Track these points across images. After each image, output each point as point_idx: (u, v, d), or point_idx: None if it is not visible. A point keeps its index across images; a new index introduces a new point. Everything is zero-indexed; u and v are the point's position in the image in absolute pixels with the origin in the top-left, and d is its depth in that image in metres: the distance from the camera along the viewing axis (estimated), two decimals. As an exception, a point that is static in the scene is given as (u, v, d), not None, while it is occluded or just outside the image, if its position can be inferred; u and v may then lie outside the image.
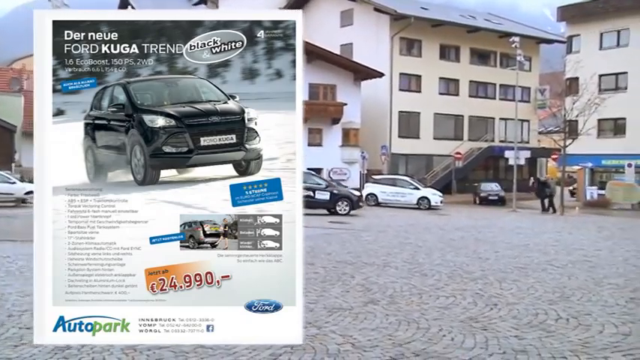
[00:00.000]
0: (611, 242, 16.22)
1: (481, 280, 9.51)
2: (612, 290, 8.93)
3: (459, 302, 7.85)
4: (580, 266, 11.41)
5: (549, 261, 12.04)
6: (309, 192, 25.60)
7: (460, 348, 5.79)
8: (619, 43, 47.03)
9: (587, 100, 34.49)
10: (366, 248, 13.39)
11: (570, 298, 8.30)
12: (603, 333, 6.46)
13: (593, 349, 5.85)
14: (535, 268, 11.05)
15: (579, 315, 7.24)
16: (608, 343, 6.05)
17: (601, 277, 10.18)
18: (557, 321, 6.94)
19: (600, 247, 14.82)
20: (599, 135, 44.82)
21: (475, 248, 13.92)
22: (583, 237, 17.58)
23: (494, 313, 7.25)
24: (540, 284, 9.25)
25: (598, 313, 7.35)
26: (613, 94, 43.95)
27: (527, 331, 6.46)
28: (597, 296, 8.44)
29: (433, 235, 16.88)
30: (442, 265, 11.05)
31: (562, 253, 13.51)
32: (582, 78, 39.78)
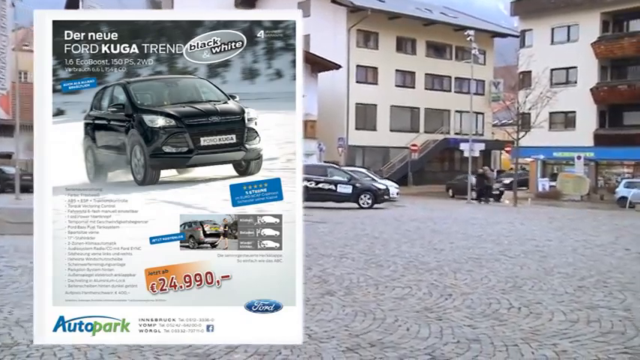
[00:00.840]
0: (561, 233, 16.64)
1: (436, 271, 9.65)
2: (562, 279, 9.17)
3: (415, 293, 7.95)
4: (532, 256, 11.68)
5: (502, 251, 12.28)
6: (331, 186, 26.17)
7: (415, 338, 5.87)
8: (569, 39, 48.07)
9: (540, 94, 35.28)
10: (322, 240, 13.44)
11: (522, 287, 8.49)
12: (553, 320, 6.64)
13: (543, 336, 6.00)
14: (489, 258, 11.26)
15: (530, 304, 7.42)
16: (557, 330, 6.22)
17: (551, 266, 10.44)
18: (510, 310, 7.09)
19: (551, 238, 15.19)
20: (551, 128, 45.87)
21: (430, 239, 14.11)
22: (535, 228, 17.98)
23: (449, 303, 7.37)
24: (494, 274, 9.44)
25: (548, 302, 7.54)
26: (564, 88, 44.99)
27: (480, 320, 6.58)
28: (548, 285, 8.65)
29: (389, 227, 17.03)
30: (398, 257, 11.17)
31: (515, 243, 13.80)
32: (535, 72, 40.64)
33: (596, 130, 47.28)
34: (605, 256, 11.92)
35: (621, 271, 10.11)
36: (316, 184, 26.25)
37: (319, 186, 26.29)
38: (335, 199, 26.22)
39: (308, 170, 27.25)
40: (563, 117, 48.01)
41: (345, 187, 26.29)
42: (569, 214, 25.50)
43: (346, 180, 26.58)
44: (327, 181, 26.56)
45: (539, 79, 38.26)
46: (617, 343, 5.82)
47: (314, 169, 27.74)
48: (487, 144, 46.00)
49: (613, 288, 8.54)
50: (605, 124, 47.65)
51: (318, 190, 26.23)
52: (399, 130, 46.84)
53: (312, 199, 26.06)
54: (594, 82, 47.14)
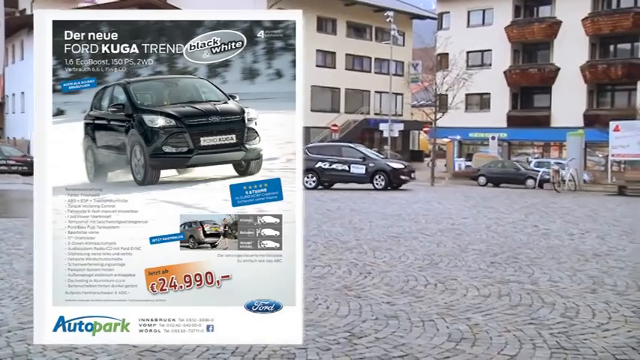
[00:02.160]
0: (475, 211, 17.16)
1: (356, 250, 9.77)
2: (476, 256, 9.46)
3: (335, 271, 8.02)
4: (448, 234, 11.99)
5: (420, 229, 12.56)
6: (345, 166, 24.81)
7: (335, 316, 5.93)
8: (484, 22, 49.49)
9: (456, 76, 36.13)
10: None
11: (438, 264, 8.71)
12: (467, 296, 6.84)
13: (457, 310, 6.19)
14: (407, 236, 11.49)
15: (446, 280, 7.62)
16: (470, 305, 6.42)
17: (466, 243, 10.75)
18: (426, 286, 7.26)
19: (466, 216, 15.64)
20: (467, 109, 47.28)
21: (351, 219, 14.27)
22: (451, 206, 18.47)
23: (368, 281, 7.48)
24: (411, 252, 9.63)
25: (463, 278, 7.77)
26: (479, 70, 46.36)
27: (398, 297, 6.72)
28: (462, 262, 8.91)
29: (310, 207, 17.13)
30: (318, 236, 11.25)
31: (432, 222, 14.13)
32: (452, 54, 41.68)
33: (509, 112, 49.10)
34: (516, 233, 12.39)
35: (530, 247, 10.53)
36: (330, 165, 25.03)
37: (333, 167, 25.03)
38: (348, 180, 24.99)
39: (322, 150, 26.45)
40: (479, 98, 49.60)
41: (359, 167, 24.80)
42: (483, 192, 26.25)
43: (360, 160, 25.05)
44: (340, 161, 25.12)
45: (455, 61, 39.25)
46: (524, 315, 6.08)
47: (329, 149, 26.62)
48: (406, 124, 46.94)
49: (522, 263, 8.88)
50: (517, 106, 49.57)
51: (332, 171, 25.07)
52: (319, 111, 46.93)
53: (328, 180, 25.30)
54: (507, 65, 48.85)
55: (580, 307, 6.42)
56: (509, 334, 5.44)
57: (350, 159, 25.06)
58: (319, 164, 25.14)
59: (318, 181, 25.24)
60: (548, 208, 18.78)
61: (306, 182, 24.81)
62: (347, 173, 24.88)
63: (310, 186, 24.84)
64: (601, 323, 5.84)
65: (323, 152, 25.99)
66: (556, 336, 5.42)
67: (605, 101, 46.90)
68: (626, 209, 19.04)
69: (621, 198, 24.72)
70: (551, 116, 46.76)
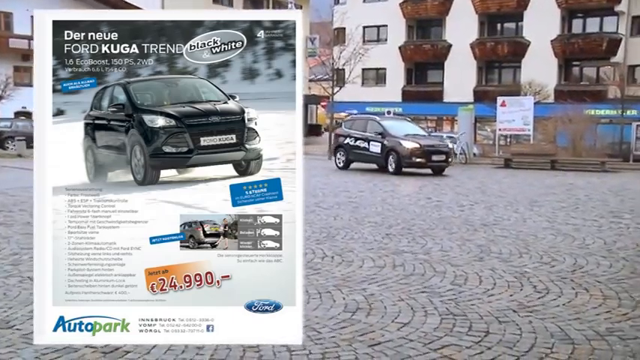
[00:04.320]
0: (372, 184, 17.56)
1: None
2: (372, 228, 9.72)
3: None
4: (345, 207, 12.23)
5: (317, 203, 12.73)
6: (365, 143, 21.79)
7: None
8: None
9: (353, 50, 36.57)
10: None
11: (335, 237, 8.89)
12: (363, 267, 7.04)
13: (354, 282, 6.36)
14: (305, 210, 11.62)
15: (343, 252, 7.80)
16: (366, 276, 6.62)
17: (363, 216, 11.02)
18: (324, 259, 7.41)
19: (363, 189, 15.99)
20: (364, 84, 48.10)
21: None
22: (348, 180, 18.80)
23: (266, 256, 7.52)
24: (309, 225, 9.76)
25: (359, 250, 7.98)
26: (375, 45, 47.11)
27: (296, 270, 6.81)
28: (359, 234, 9.14)
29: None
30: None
31: (329, 195, 14.35)
32: (348, 29, 42.11)
33: (404, 87, 50.32)
34: (410, 205, 12.80)
35: (423, 218, 10.92)
36: (355, 141, 22.16)
37: (357, 143, 22.12)
38: (368, 159, 21.84)
39: (350, 124, 23.87)
40: (375, 73, 50.58)
41: (376, 144, 21.39)
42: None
43: (379, 136, 21.45)
44: (363, 137, 22.01)
45: (352, 35, 39.69)
46: (417, 284, 6.33)
47: (357, 123, 23.39)
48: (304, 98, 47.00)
49: (416, 234, 9.21)
50: (412, 81, 50.88)
51: (355, 149, 22.21)
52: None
53: (353, 159, 22.77)
54: (402, 40, 49.93)
55: (468, 274, 6.77)
56: (403, 303, 5.67)
57: (369, 135, 21.94)
58: (347, 140, 22.81)
59: (346, 159, 22.97)
60: (441, 180, 19.51)
61: (338, 161, 23.16)
62: (367, 152, 21.92)
63: (340, 165, 22.99)
64: (487, 289, 6.19)
65: (351, 126, 23.46)
66: (446, 303, 5.69)
67: (493, 78, 49.01)
68: (512, 181, 20.09)
69: (507, 170, 26.06)
70: (443, 91, 48.36)
